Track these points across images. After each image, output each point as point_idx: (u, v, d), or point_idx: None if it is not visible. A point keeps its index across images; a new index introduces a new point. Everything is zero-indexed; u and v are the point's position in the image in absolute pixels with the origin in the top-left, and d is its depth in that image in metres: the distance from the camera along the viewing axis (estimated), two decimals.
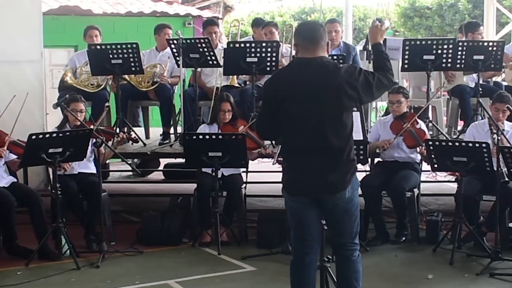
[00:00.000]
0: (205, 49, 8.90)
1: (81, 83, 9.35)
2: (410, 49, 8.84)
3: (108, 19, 14.08)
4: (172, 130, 9.71)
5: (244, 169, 8.64)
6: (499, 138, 7.40)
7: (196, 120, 9.06)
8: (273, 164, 7.76)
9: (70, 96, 8.23)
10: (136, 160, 11.58)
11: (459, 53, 8.84)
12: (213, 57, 8.95)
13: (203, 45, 8.90)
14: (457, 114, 9.80)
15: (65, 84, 9.35)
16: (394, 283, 6.94)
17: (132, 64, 8.90)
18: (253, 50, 8.79)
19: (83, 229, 8.02)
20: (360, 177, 7.38)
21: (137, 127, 10.24)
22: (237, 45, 9.25)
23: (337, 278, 5.40)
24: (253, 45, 8.93)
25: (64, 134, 7.55)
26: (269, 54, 8.77)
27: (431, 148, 7.67)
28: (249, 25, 13.71)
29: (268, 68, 8.80)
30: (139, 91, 9.46)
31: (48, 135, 7.49)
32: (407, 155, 8.36)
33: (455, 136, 9.29)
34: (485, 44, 9.12)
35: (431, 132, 9.08)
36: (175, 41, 8.96)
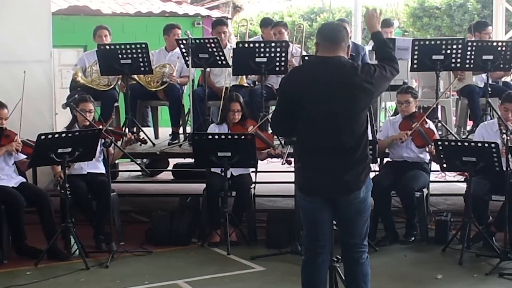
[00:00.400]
0: (214, 49, 8.90)
1: (93, 82, 9.38)
2: (419, 49, 8.83)
3: (117, 19, 14.06)
4: (181, 130, 9.72)
5: (253, 169, 8.63)
6: (508, 138, 7.37)
7: (205, 120, 9.06)
8: (282, 164, 7.78)
9: (79, 96, 8.24)
10: (145, 160, 11.60)
11: (468, 53, 8.84)
12: (222, 57, 8.95)
13: (212, 45, 8.90)
14: (466, 114, 9.78)
15: (77, 84, 9.38)
16: (404, 283, 6.94)
17: (141, 64, 8.88)
18: (262, 50, 8.78)
19: (92, 229, 8.04)
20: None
21: (147, 127, 10.24)
22: (246, 45, 9.25)
23: (346, 280, 5.38)
24: (262, 45, 8.93)
25: (73, 134, 7.55)
26: (278, 54, 8.77)
27: (440, 148, 7.67)
28: (258, 25, 13.70)
29: (277, 68, 8.81)
30: (148, 91, 9.46)
31: (57, 135, 7.51)
32: (416, 155, 8.35)
33: (464, 136, 9.27)
34: (494, 44, 9.11)
35: (440, 132, 9.07)
36: (184, 41, 8.96)
